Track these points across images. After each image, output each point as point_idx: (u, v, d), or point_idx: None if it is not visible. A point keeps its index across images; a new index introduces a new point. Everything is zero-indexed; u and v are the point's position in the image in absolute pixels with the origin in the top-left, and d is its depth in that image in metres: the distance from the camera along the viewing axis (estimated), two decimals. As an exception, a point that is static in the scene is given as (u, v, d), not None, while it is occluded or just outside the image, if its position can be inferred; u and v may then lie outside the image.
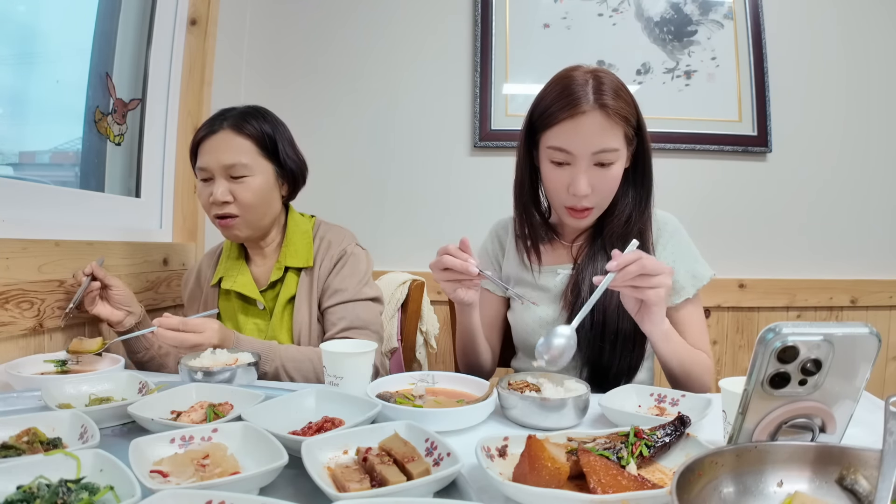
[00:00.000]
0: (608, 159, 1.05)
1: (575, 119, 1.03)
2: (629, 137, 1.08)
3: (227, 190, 1.20)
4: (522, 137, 1.16)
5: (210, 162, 1.21)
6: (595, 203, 1.09)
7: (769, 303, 2.06)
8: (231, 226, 1.23)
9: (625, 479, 0.56)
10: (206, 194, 1.23)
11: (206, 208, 1.25)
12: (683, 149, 2.06)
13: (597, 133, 1.03)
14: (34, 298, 1.12)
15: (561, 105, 1.04)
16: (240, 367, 0.97)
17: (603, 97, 1.03)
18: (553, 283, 1.19)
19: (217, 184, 1.21)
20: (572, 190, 1.06)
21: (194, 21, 1.74)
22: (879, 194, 2.11)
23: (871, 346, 0.53)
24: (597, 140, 1.03)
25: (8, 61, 1.31)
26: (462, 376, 0.97)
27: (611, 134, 1.04)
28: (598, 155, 1.04)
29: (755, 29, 2.07)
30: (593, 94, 1.03)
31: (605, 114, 1.02)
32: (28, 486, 0.50)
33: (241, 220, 1.23)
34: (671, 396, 0.90)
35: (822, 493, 0.52)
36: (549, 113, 1.06)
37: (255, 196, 1.22)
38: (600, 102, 1.02)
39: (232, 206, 1.21)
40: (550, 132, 1.06)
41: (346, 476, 0.58)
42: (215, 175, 1.21)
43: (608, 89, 1.03)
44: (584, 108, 1.02)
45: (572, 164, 1.06)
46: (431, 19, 2.12)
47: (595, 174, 1.06)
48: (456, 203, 2.10)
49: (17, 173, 1.37)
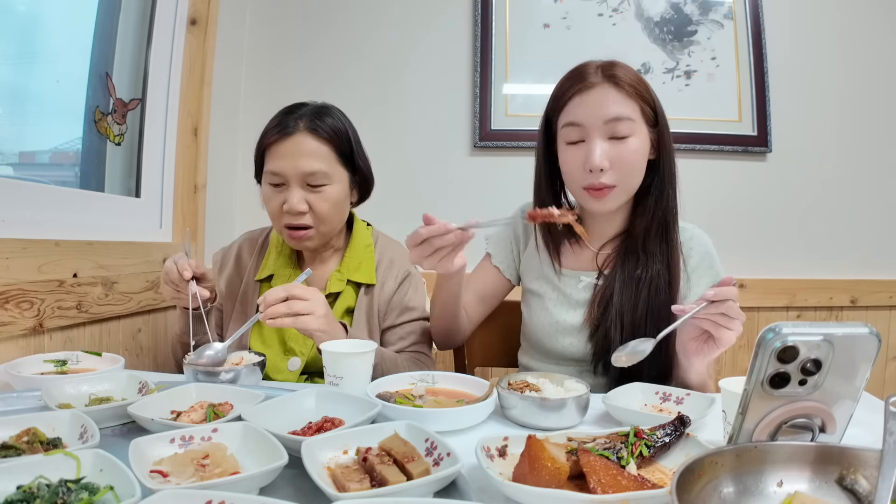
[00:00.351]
0: (623, 131, 1.02)
1: (583, 93, 1.03)
2: (648, 117, 1.05)
3: (303, 198, 1.12)
4: (541, 131, 1.14)
5: (286, 168, 1.12)
6: (616, 181, 1.04)
7: (769, 303, 2.06)
8: (304, 238, 1.16)
9: (625, 479, 0.56)
10: (277, 202, 1.14)
11: (274, 216, 1.17)
12: (683, 149, 2.05)
13: (607, 102, 1.02)
14: (34, 298, 1.12)
15: (570, 84, 1.05)
16: (244, 367, 0.97)
17: (612, 71, 1.03)
18: (575, 290, 1.16)
19: (292, 192, 1.12)
20: (588, 164, 1.02)
21: (194, 21, 1.74)
22: (879, 194, 2.11)
23: (871, 346, 0.53)
24: (607, 108, 1.01)
25: (8, 61, 1.31)
26: (462, 376, 0.97)
27: (623, 103, 1.02)
28: (610, 125, 1.01)
29: (755, 29, 2.07)
30: (602, 71, 1.04)
31: (614, 84, 1.02)
32: (28, 486, 0.50)
33: (315, 232, 1.16)
34: (676, 395, 0.90)
35: (822, 493, 0.52)
36: (560, 94, 1.06)
37: (332, 207, 1.15)
38: (609, 74, 1.02)
39: (307, 217, 1.14)
40: (563, 113, 1.06)
41: (346, 476, 0.58)
42: (290, 182, 1.13)
43: (619, 68, 1.04)
44: (592, 81, 1.03)
45: (586, 140, 1.03)
46: (431, 20, 2.12)
47: (611, 147, 1.03)
48: (456, 203, 2.09)
49: (16, 173, 1.37)
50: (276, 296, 0.96)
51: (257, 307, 0.98)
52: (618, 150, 1.03)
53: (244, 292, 1.27)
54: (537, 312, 1.20)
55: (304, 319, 0.97)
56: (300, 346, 1.20)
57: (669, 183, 1.10)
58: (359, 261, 1.25)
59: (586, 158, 1.02)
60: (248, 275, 1.29)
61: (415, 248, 0.94)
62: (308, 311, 0.97)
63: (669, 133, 1.09)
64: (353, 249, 1.26)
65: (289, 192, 1.13)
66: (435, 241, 0.91)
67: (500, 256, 1.28)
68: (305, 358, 1.19)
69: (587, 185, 1.04)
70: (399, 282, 1.27)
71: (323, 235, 1.19)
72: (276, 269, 1.26)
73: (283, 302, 0.96)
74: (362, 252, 1.27)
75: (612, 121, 1.01)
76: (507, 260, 1.28)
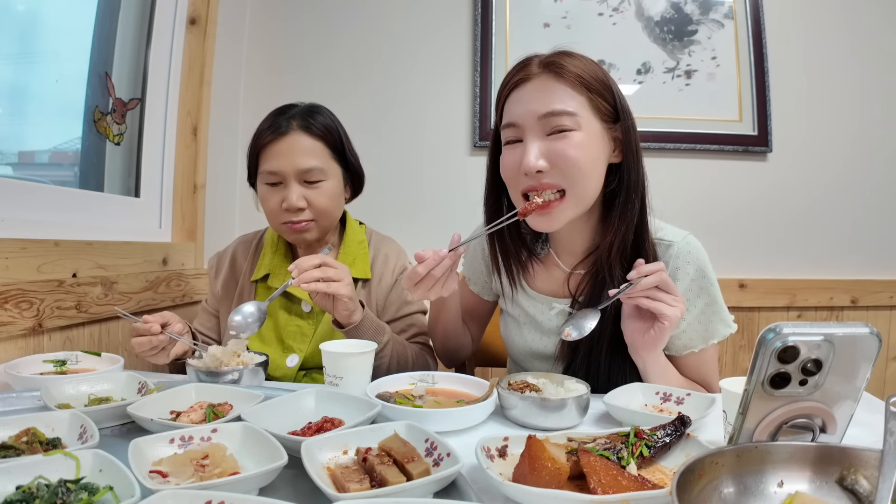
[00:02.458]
0: (563, 124, 0.88)
1: (519, 88, 0.91)
2: (602, 112, 0.91)
3: (301, 195, 1.15)
4: (492, 137, 1.04)
5: (283, 166, 1.15)
6: (559, 181, 0.89)
7: (769, 303, 2.06)
8: (304, 229, 1.18)
9: (625, 479, 0.56)
10: (275, 200, 1.17)
11: (273, 215, 1.19)
12: (684, 148, 2.06)
13: (543, 95, 0.89)
14: (33, 298, 1.12)
15: (509, 76, 0.94)
16: (247, 368, 0.97)
17: (554, 59, 0.91)
18: (547, 317, 1.06)
19: (291, 189, 1.15)
20: (522, 166, 0.89)
21: (194, 20, 1.74)
22: (879, 194, 2.11)
23: (872, 347, 0.53)
24: (543, 102, 0.89)
25: (7, 60, 1.31)
26: (462, 376, 0.97)
27: (562, 94, 0.89)
28: (546, 119, 0.88)
29: (755, 28, 2.07)
30: (544, 59, 0.92)
31: (553, 75, 0.89)
32: (27, 487, 0.50)
33: (315, 225, 1.19)
34: (676, 395, 0.89)
35: (823, 494, 0.52)
36: (501, 88, 0.95)
37: (329, 201, 1.18)
38: (549, 62, 0.90)
39: (306, 213, 1.17)
40: (503, 112, 0.95)
41: (346, 476, 0.58)
42: (288, 180, 1.16)
43: (565, 56, 0.92)
44: (529, 71, 0.91)
45: (523, 140, 0.91)
46: (431, 20, 2.12)
47: (550, 145, 0.89)
48: (455, 203, 2.09)
49: (16, 173, 1.36)
50: (311, 262, 1.02)
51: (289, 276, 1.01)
52: (556, 146, 0.88)
53: (240, 293, 1.30)
54: (511, 334, 1.14)
55: (336, 285, 1.02)
56: (298, 342, 1.22)
57: (635, 190, 0.95)
58: (353, 256, 1.27)
59: (521, 160, 0.90)
60: (243, 276, 1.31)
61: (416, 286, 0.91)
62: (339, 277, 1.02)
63: (635, 132, 0.95)
64: (346, 246, 1.29)
65: (287, 190, 1.16)
66: (434, 272, 0.89)
67: (474, 279, 1.23)
68: (303, 355, 1.21)
69: (525, 187, 0.92)
70: (396, 276, 1.30)
71: (322, 228, 1.22)
72: (271, 269, 1.28)
73: (316, 268, 1.01)
74: (356, 248, 1.29)
75: (548, 115, 0.88)
76: (480, 282, 1.22)
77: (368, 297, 1.27)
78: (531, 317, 1.09)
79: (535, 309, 1.08)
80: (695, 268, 0.98)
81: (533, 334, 1.09)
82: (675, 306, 0.87)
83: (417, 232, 2.07)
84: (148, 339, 1.01)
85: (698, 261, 0.98)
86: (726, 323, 1.00)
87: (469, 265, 1.25)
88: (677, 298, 0.88)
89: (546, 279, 1.08)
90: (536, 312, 1.08)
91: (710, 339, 0.99)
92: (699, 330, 0.99)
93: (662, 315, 0.86)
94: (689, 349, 1.00)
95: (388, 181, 2.10)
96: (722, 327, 0.99)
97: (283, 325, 1.24)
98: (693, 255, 0.98)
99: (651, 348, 0.91)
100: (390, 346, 1.12)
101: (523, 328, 1.11)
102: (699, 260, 0.98)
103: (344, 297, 1.03)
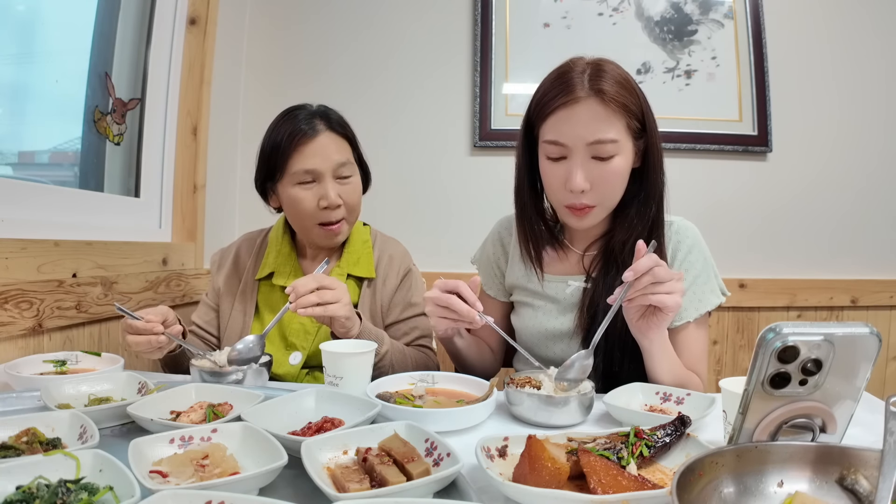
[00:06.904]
0: (606, 152, 0.98)
1: (568, 107, 0.97)
2: (634, 130, 1.01)
3: (337, 191, 1.17)
4: (521, 133, 1.11)
5: (320, 164, 1.16)
6: (596, 201, 1.02)
7: (769, 303, 2.06)
8: (338, 231, 1.19)
9: (625, 479, 0.56)
10: (313, 198, 1.17)
11: (308, 215, 1.19)
12: (683, 148, 2.05)
13: (591, 122, 0.97)
14: (33, 298, 1.12)
15: (555, 93, 0.99)
16: (251, 368, 0.97)
17: (600, 83, 0.97)
18: (563, 295, 1.12)
19: (328, 185, 1.16)
20: (568, 185, 0.99)
21: (194, 20, 1.74)
22: (880, 194, 2.11)
23: (872, 346, 0.53)
24: (591, 129, 0.97)
25: (7, 60, 1.31)
26: (462, 376, 0.97)
27: (608, 124, 0.97)
28: (593, 146, 0.98)
29: (755, 28, 2.07)
30: (589, 80, 0.98)
31: (601, 101, 0.96)
32: (27, 487, 0.50)
33: (346, 225, 1.22)
34: (676, 395, 0.90)
35: (823, 494, 0.52)
36: (544, 102, 1.01)
37: (358, 197, 1.21)
38: (596, 88, 0.96)
39: (340, 210, 1.19)
40: (546, 125, 1.01)
41: (346, 476, 0.58)
42: (324, 177, 1.17)
43: (608, 77, 0.98)
44: (578, 94, 0.97)
45: (568, 158, 1.00)
46: (431, 19, 2.11)
47: (593, 168, 0.99)
48: (456, 203, 2.09)
49: (16, 173, 1.37)
50: (307, 286, 1.00)
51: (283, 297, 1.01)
52: (600, 170, 0.99)
53: (242, 291, 1.29)
54: (526, 321, 1.17)
55: (333, 308, 1.01)
56: (301, 340, 1.22)
57: (653, 196, 1.06)
58: (357, 256, 1.28)
59: (567, 178, 1.00)
60: (246, 274, 1.31)
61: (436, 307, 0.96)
62: (336, 299, 1.02)
63: (658, 141, 1.04)
64: (351, 245, 1.29)
65: (323, 187, 1.17)
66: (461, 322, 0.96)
67: (488, 283, 1.26)
68: (306, 352, 1.21)
69: (568, 203, 1.03)
70: (401, 278, 1.30)
71: (350, 228, 1.25)
72: (276, 267, 1.28)
73: (312, 293, 1.00)
74: (360, 247, 1.29)
75: (595, 143, 0.97)
76: (495, 285, 1.25)
77: (372, 298, 1.26)
78: (548, 297, 1.14)
79: (551, 289, 1.14)
80: (692, 240, 1.11)
81: (549, 315, 1.14)
82: (674, 293, 0.88)
83: (417, 232, 2.08)
84: (147, 339, 1.00)
85: (695, 235, 1.12)
86: (717, 292, 1.10)
87: (482, 270, 1.28)
88: (674, 284, 0.88)
89: (560, 262, 1.16)
90: (552, 292, 1.14)
91: (701, 307, 1.07)
92: (692, 300, 1.07)
93: (665, 307, 0.88)
94: (682, 318, 1.06)
95: (388, 181, 2.09)
96: (711, 295, 1.09)
97: (287, 323, 1.24)
98: (691, 231, 1.12)
99: (656, 330, 0.93)
100: (389, 356, 1.11)
101: (538, 311, 1.15)
102: (696, 235, 1.13)
103: (341, 318, 1.03)
